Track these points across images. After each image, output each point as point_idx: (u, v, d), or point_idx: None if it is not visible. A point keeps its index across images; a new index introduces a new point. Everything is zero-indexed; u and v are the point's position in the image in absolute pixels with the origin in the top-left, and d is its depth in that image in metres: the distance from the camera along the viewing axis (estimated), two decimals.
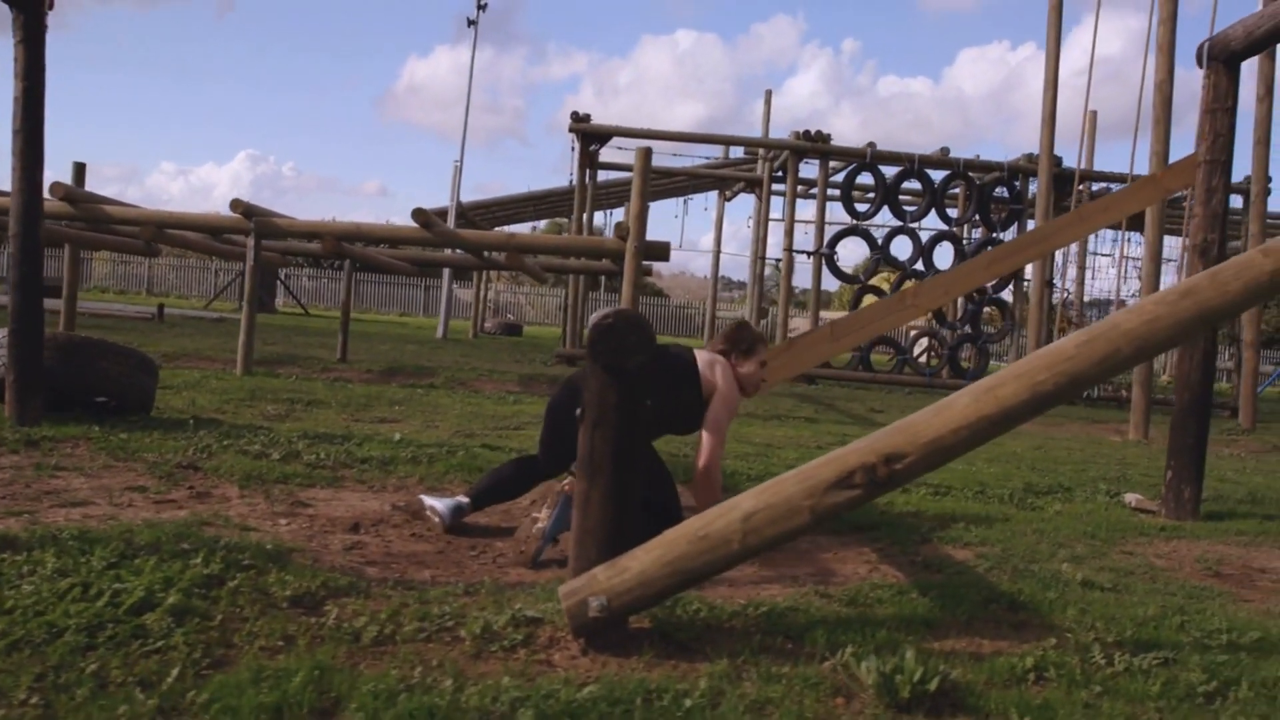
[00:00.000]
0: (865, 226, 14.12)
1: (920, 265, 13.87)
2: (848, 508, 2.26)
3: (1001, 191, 14.27)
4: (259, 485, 3.76)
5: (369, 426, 5.61)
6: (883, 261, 14.03)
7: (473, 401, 7.47)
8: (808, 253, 14.04)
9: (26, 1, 4.10)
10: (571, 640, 2.26)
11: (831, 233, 14.18)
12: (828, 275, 14.26)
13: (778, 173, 15.85)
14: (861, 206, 14.61)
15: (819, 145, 13.94)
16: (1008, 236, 13.85)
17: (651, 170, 17.74)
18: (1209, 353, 4.52)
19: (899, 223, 14.14)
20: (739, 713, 1.95)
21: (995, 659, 2.33)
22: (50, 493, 3.37)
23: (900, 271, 14.15)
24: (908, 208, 14.41)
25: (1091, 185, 14.61)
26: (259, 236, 7.62)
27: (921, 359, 15.74)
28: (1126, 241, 14.49)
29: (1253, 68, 10.86)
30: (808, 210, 15.79)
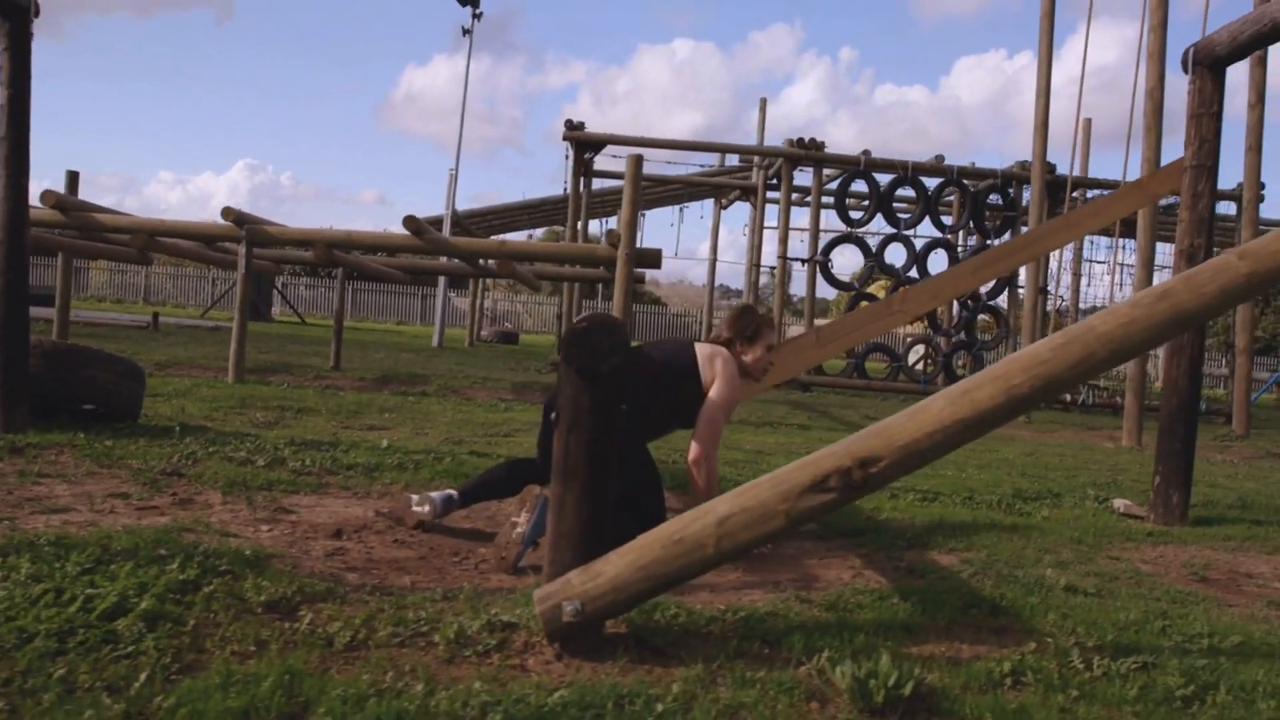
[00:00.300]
0: (859, 234, 14.13)
1: (915, 272, 13.89)
2: (823, 511, 2.25)
3: (995, 199, 14.30)
4: (242, 492, 3.74)
5: (357, 434, 5.60)
6: (877, 269, 14.05)
7: (464, 409, 7.46)
8: (802, 260, 14.05)
9: (12, 9, 4.10)
10: (546, 645, 2.25)
11: (825, 240, 14.20)
12: (823, 283, 14.30)
13: (772, 180, 15.87)
14: (856, 214, 14.63)
15: (813, 153, 13.97)
16: None
17: (646, 178, 17.85)
18: (1196, 358, 4.52)
19: (893, 230, 14.16)
20: (711, 717, 1.94)
21: (973, 664, 2.32)
22: (31, 499, 3.36)
23: (894, 278, 14.16)
24: (902, 215, 14.42)
25: (1086, 192, 14.63)
26: (250, 244, 7.62)
27: (918, 366, 15.74)
28: (1121, 249, 14.53)
29: (1244, 76, 10.89)
30: (803, 218, 15.81)
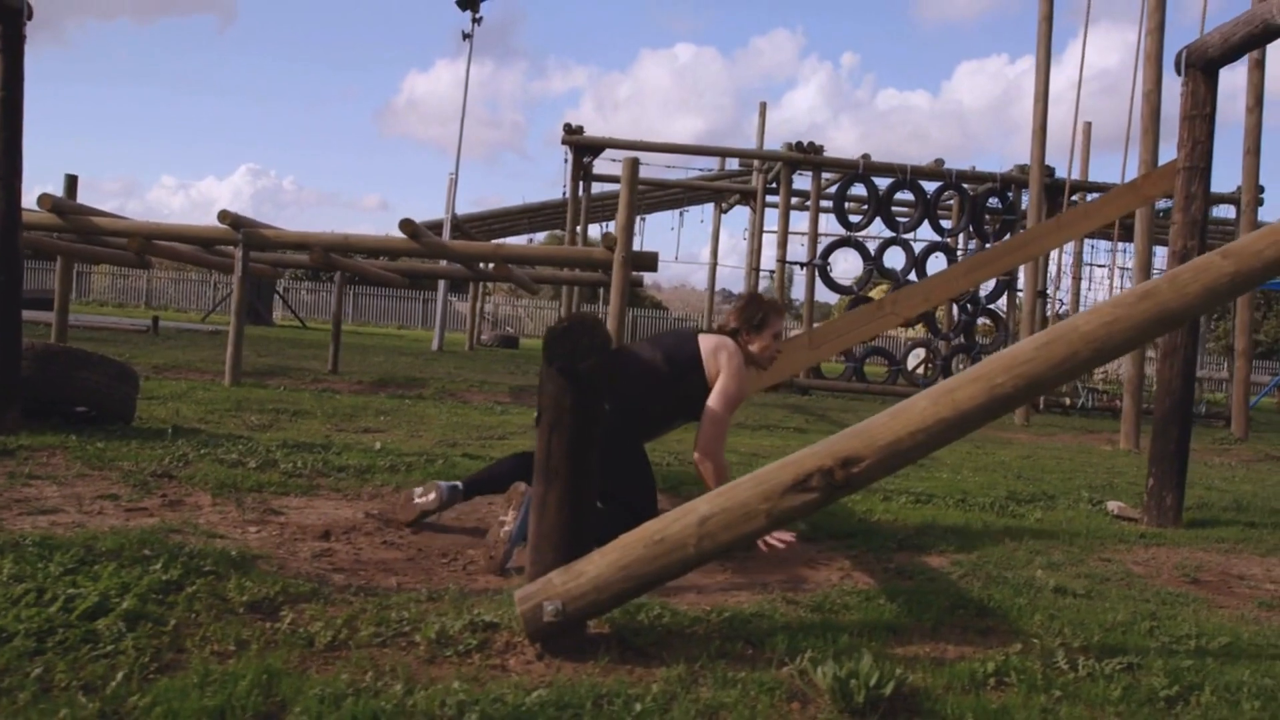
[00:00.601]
0: (858, 238, 14.13)
1: (914, 276, 13.88)
2: (805, 511, 2.25)
3: (994, 202, 14.30)
4: (232, 493, 3.74)
5: (351, 436, 5.60)
6: (876, 272, 14.04)
7: (460, 412, 7.46)
8: (801, 264, 14.05)
9: (5, 10, 4.11)
10: (528, 645, 2.24)
11: (825, 244, 14.20)
12: (823, 287, 14.28)
13: (772, 184, 15.87)
14: (855, 218, 14.63)
15: (811, 156, 13.97)
16: None
17: (647, 182, 17.88)
18: (1190, 359, 4.51)
19: (892, 234, 14.16)
20: (690, 717, 1.93)
21: (957, 664, 2.32)
22: (20, 500, 3.36)
23: (894, 282, 14.15)
24: (901, 219, 14.42)
25: (1086, 196, 14.62)
26: (247, 247, 7.63)
27: (918, 370, 15.73)
28: (1121, 252, 14.51)
29: (1243, 79, 10.90)
30: (803, 222, 15.81)
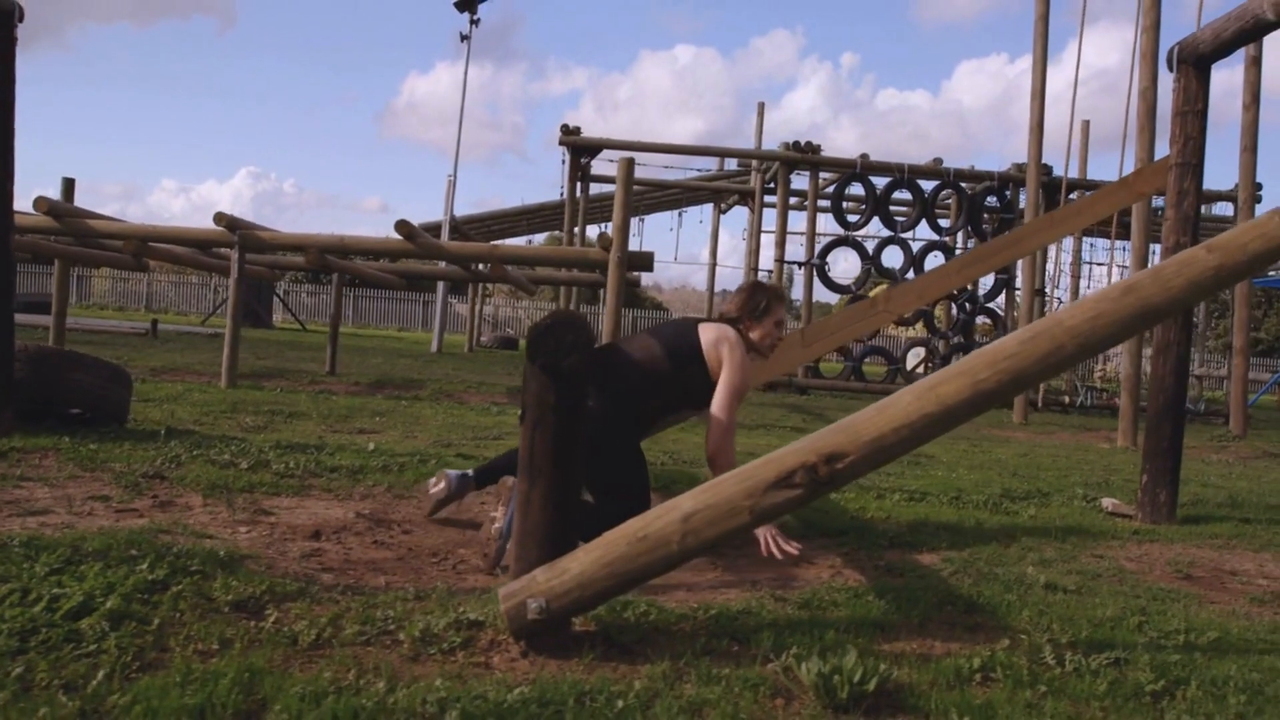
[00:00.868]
0: (856, 237, 14.13)
1: (912, 275, 13.87)
2: (788, 508, 2.24)
3: (992, 201, 14.29)
4: (223, 494, 3.74)
5: (346, 437, 5.60)
6: (874, 272, 14.04)
7: (456, 412, 7.46)
8: (799, 264, 14.05)
9: None
10: (513, 643, 2.24)
11: (823, 244, 14.20)
12: (822, 287, 14.27)
13: (770, 184, 15.87)
14: (854, 217, 14.62)
15: (809, 156, 13.97)
16: None
17: (645, 183, 17.87)
18: (1183, 356, 4.51)
19: (890, 233, 14.15)
20: (673, 713, 1.92)
21: (943, 660, 2.31)
22: (10, 502, 3.35)
23: (892, 281, 14.15)
24: (899, 218, 14.41)
25: (1085, 194, 14.61)
26: (243, 249, 7.64)
27: (918, 369, 15.72)
28: (1121, 250, 14.50)
29: (1240, 77, 10.88)
30: (801, 222, 15.81)
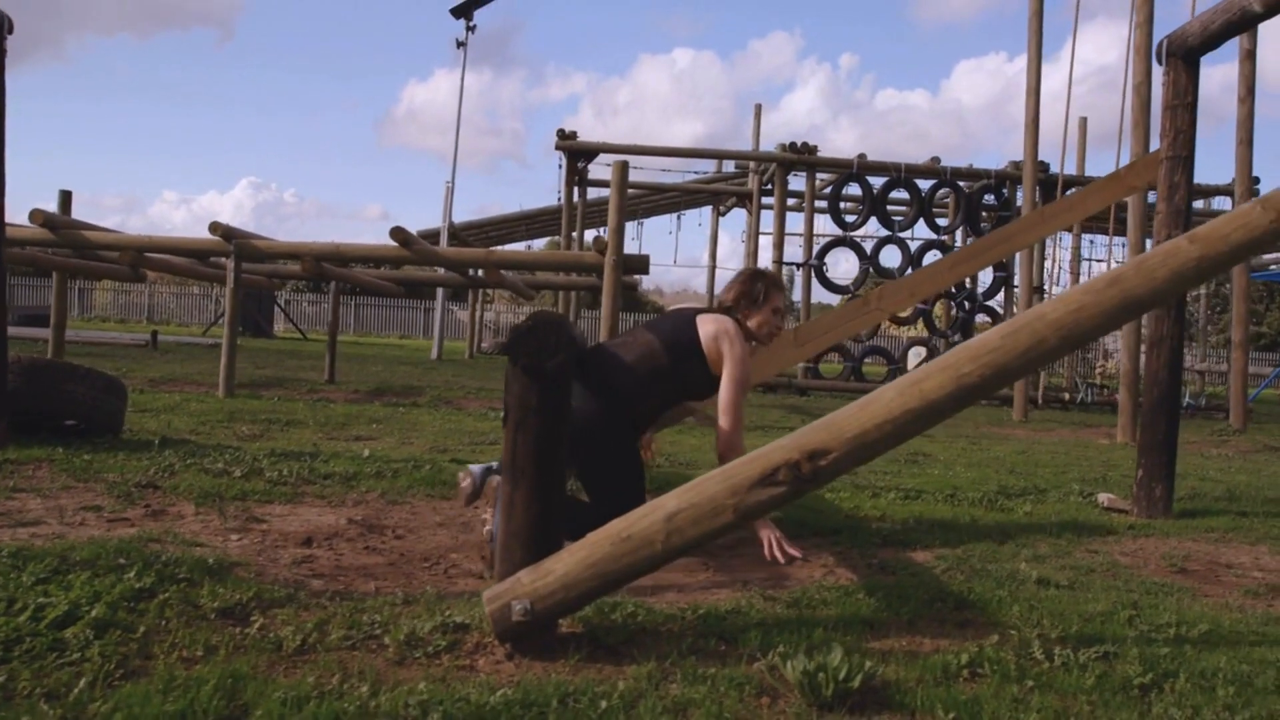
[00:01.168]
0: (853, 237, 14.12)
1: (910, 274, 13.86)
2: (772, 505, 2.24)
3: (990, 199, 14.28)
4: (216, 502, 3.74)
5: (341, 444, 5.60)
6: (873, 272, 14.02)
7: (453, 418, 7.46)
8: (797, 264, 14.04)
9: None
10: (498, 646, 2.23)
11: (820, 245, 14.19)
12: (820, 288, 14.26)
13: (767, 186, 15.87)
14: (852, 218, 14.61)
15: (805, 157, 13.96)
16: None
17: (643, 186, 17.86)
18: (1176, 350, 4.49)
19: (888, 233, 14.14)
20: (656, 713, 1.92)
21: (931, 657, 2.31)
22: (2, 514, 3.36)
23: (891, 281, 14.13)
24: (896, 218, 14.40)
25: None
26: (239, 258, 7.65)
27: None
28: (1119, 246, 14.48)
29: (1235, 71, 10.86)
30: (800, 223, 15.80)
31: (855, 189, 14.10)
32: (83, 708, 1.80)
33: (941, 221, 14.87)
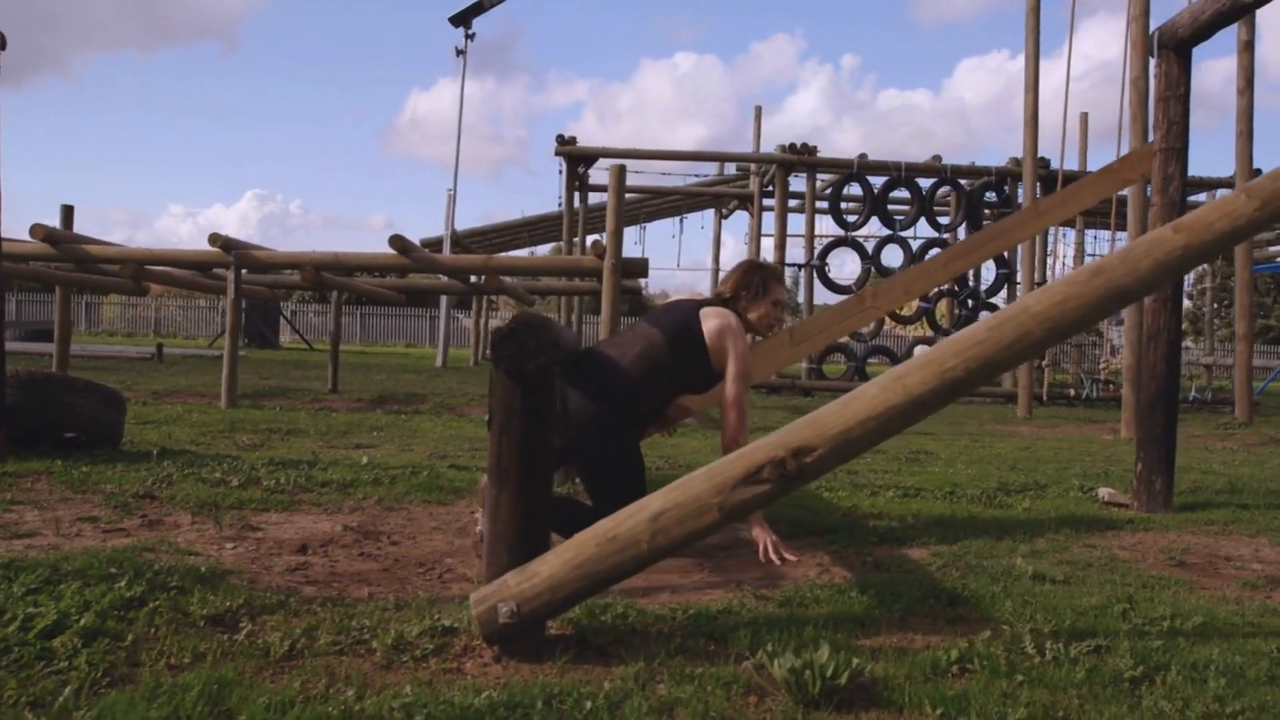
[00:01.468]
0: (855, 237, 14.11)
1: None
2: (758, 504, 2.23)
3: (991, 196, 14.26)
4: (212, 512, 3.75)
5: (341, 452, 5.61)
6: (875, 271, 14.01)
7: (455, 425, 7.47)
8: (799, 265, 14.03)
9: None
10: (486, 649, 2.23)
11: (822, 245, 14.18)
12: (822, 289, 14.24)
13: (768, 187, 15.86)
14: (854, 218, 14.60)
15: (805, 158, 13.96)
16: None
17: (644, 190, 17.86)
18: (1173, 342, 4.48)
19: (889, 232, 14.13)
20: (642, 713, 1.91)
21: (920, 653, 2.30)
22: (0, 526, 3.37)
23: None
24: (897, 217, 14.39)
25: None
26: (238, 269, 7.67)
27: None
28: (1122, 241, 14.44)
29: (1235, 62, 10.83)
30: (802, 224, 15.79)
31: (856, 189, 14.10)
32: (68, 715, 1.80)
33: (943, 220, 14.84)
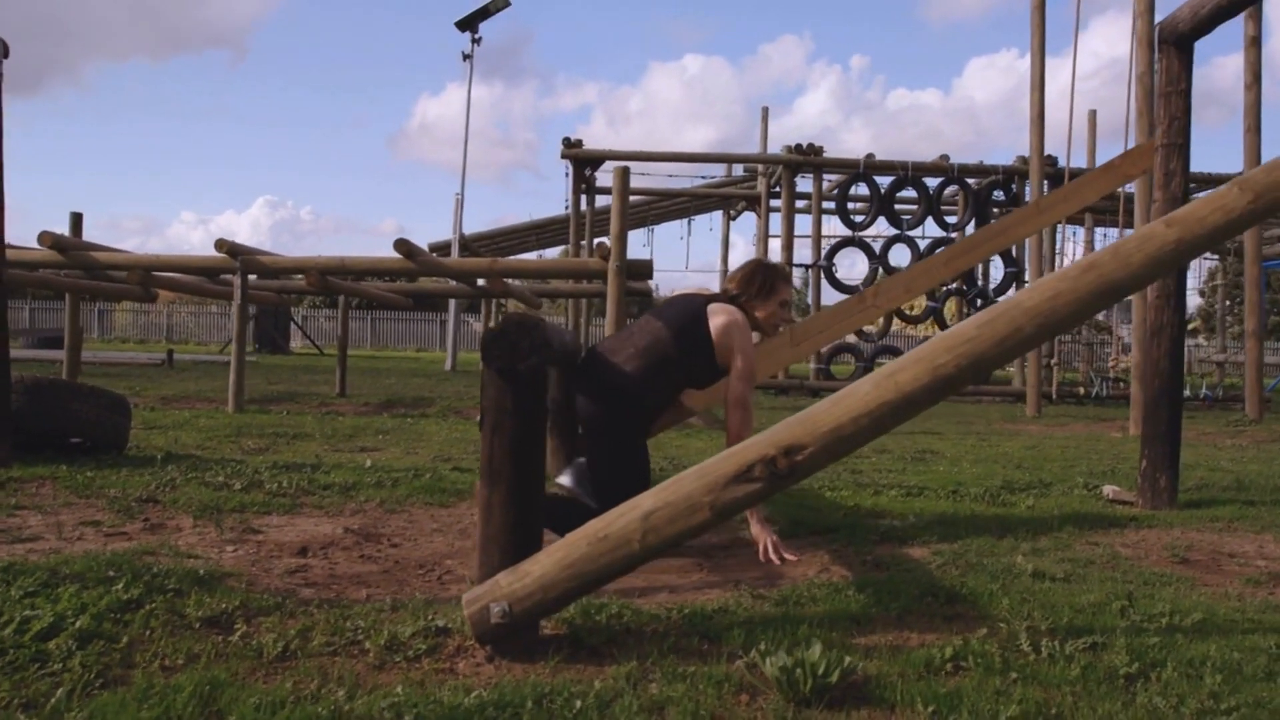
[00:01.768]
0: (862, 237, 14.08)
1: None
2: (749, 502, 2.23)
3: (1000, 195, 14.21)
4: (213, 515, 3.76)
5: (345, 455, 5.62)
6: (882, 271, 13.97)
7: (460, 428, 7.48)
8: (806, 266, 14.01)
9: None
10: (479, 649, 2.23)
11: (829, 245, 14.16)
12: (829, 289, 14.23)
13: (775, 188, 15.84)
14: (860, 218, 14.57)
15: (812, 158, 13.94)
16: None
17: (652, 193, 17.84)
18: (1176, 339, 4.45)
19: (896, 232, 14.09)
20: (632, 712, 1.91)
21: (915, 651, 2.29)
22: (2, 530, 3.39)
23: None
24: (905, 216, 14.35)
25: None
26: (244, 274, 7.71)
27: None
28: None
29: (1233, 57, 10.76)
30: (809, 225, 15.76)
31: (863, 189, 14.08)
32: (59, 716, 1.81)
33: (951, 219, 14.79)
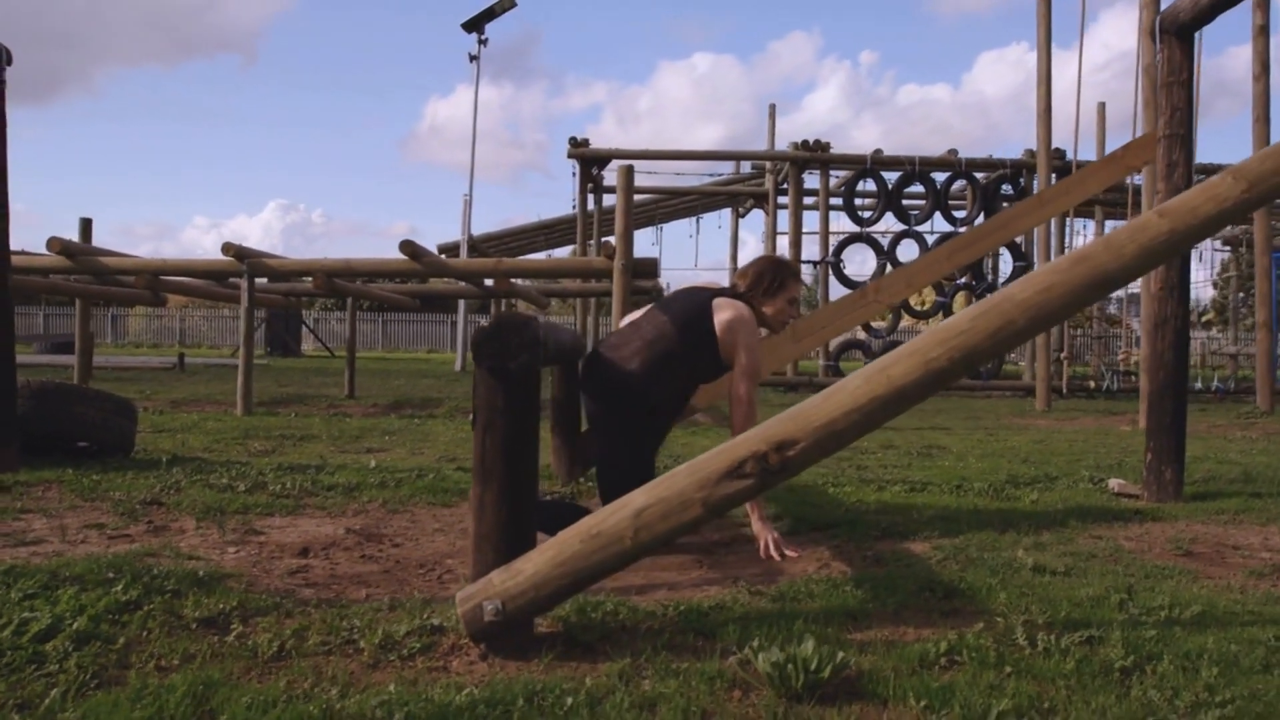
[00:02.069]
0: (870, 233, 14.04)
1: None
2: (741, 498, 2.23)
3: (1008, 189, 14.14)
4: (217, 517, 3.78)
5: (350, 456, 5.64)
6: (890, 266, 13.93)
7: (466, 428, 7.50)
8: (814, 262, 13.99)
9: None
10: (473, 647, 2.24)
11: (837, 241, 14.12)
12: (837, 284, 14.18)
13: (783, 185, 15.82)
14: (867, 214, 14.53)
15: (818, 155, 13.91)
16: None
17: (660, 191, 17.83)
18: (1181, 330, 4.43)
19: (904, 227, 14.05)
20: (623, 709, 1.91)
21: (910, 646, 2.28)
22: (6, 534, 3.42)
23: None
24: (912, 211, 14.31)
25: None
26: (252, 277, 7.75)
27: None
28: None
29: (1247, 48, 10.69)
30: (816, 221, 15.74)
31: (871, 185, 14.04)
32: (53, 716, 1.82)
33: (959, 214, 14.74)
